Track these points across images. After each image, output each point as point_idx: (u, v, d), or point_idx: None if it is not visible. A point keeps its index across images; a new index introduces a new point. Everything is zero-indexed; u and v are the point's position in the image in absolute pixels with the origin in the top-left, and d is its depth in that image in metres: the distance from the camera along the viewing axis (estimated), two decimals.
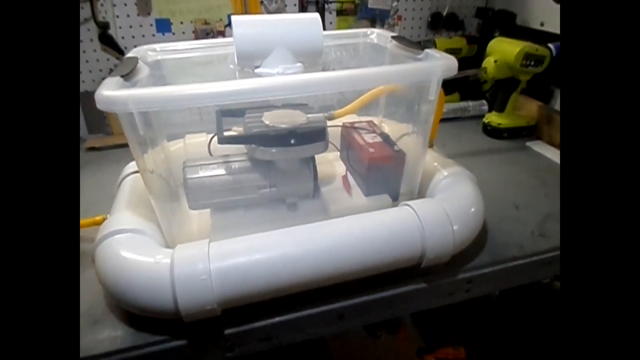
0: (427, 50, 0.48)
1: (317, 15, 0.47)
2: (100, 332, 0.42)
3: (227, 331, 0.43)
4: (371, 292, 0.47)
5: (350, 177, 0.58)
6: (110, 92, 0.35)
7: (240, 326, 0.43)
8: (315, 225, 0.44)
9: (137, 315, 0.42)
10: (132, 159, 0.59)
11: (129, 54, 0.49)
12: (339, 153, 0.64)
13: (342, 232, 0.43)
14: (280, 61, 0.45)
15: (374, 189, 0.54)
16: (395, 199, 0.55)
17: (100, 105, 0.35)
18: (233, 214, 0.53)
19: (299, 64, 0.47)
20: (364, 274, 0.45)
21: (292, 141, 0.48)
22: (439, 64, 0.44)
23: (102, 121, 0.91)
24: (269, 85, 0.37)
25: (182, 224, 0.53)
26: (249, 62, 0.46)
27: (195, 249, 0.40)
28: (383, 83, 0.48)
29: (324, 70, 0.53)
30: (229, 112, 0.53)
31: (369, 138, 0.56)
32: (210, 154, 0.56)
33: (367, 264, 0.44)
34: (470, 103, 0.95)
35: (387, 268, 0.46)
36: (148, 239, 0.44)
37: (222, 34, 0.87)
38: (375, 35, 0.59)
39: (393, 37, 0.55)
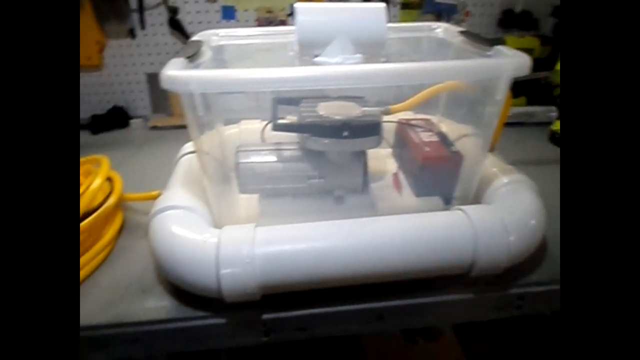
0: (497, 47, 0.45)
1: (382, 5, 0.45)
2: (147, 301, 0.45)
3: (265, 316, 0.43)
4: (414, 295, 0.45)
5: (401, 176, 0.56)
6: (174, 72, 0.36)
7: (278, 313, 0.44)
8: (363, 220, 0.43)
9: (182, 289, 0.43)
10: (190, 140, 0.62)
11: (194, 38, 0.51)
12: (391, 150, 0.63)
13: (390, 230, 0.41)
14: (340, 51, 0.44)
15: (426, 190, 0.52)
16: (448, 203, 0.52)
17: (164, 84, 0.36)
18: (281, 201, 0.53)
19: (358, 55, 0.46)
20: (409, 276, 0.43)
21: (345, 133, 0.47)
22: (511, 61, 0.41)
23: (165, 102, 0.96)
24: (329, 73, 0.36)
25: (230, 206, 0.54)
26: (310, 50, 0.46)
27: (242, 231, 0.41)
28: (447, 78, 0.46)
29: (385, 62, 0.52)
30: (285, 100, 0.53)
31: (425, 136, 0.54)
32: (263, 141, 0.57)
33: (413, 266, 0.42)
34: (538, 108, 0.88)
35: (433, 273, 0.44)
36: (198, 218, 0.45)
37: (284, 23, 0.88)
38: (442, 29, 0.57)
39: (461, 32, 0.52)
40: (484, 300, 0.46)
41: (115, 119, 0.91)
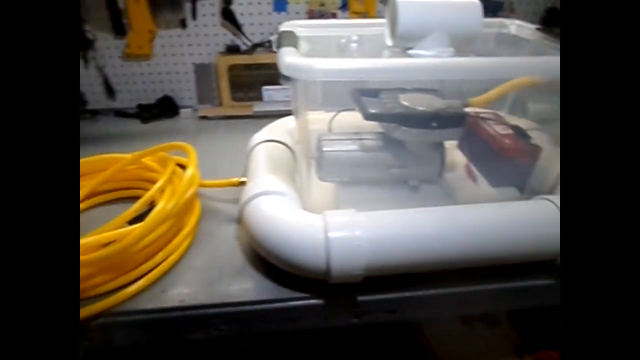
0: None
1: (477, 0, 0.47)
2: (244, 282, 0.46)
3: (360, 298, 0.45)
4: (500, 281, 0.47)
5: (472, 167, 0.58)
6: (297, 60, 0.38)
7: (373, 295, 0.45)
8: (462, 208, 0.44)
9: (277, 270, 0.45)
10: (244, 130, 0.63)
11: (284, 28, 0.52)
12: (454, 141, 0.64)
13: (491, 217, 0.43)
14: (436, 44, 0.46)
15: (503, 180, 0.54)
16: (522, 193, 0.54)
17: (286, 71, 0.38)
18: (358, 190, 0.54)
19: (451, 49, 0.47)
20: (496, 262, 0.45)
21: (434, 124, 0.48)
22: None
23: (211, 93, 0.97)
24: (453, 66, 0.38)
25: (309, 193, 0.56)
26: (404, 43, 0.48)
27: (347, 216, 0.42)
28: (535, 74, 0.47)
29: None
30: (365, 92, 0.54)
31: (500, 129, 0.55)
32: (330, 130, 0.58)
33: (503, 252, 0.44)
34: None
35: (520, 259, 0.46)
36: (292, 202, 0.47)
37: (334, 16, 0.89)
38: (515, 26, 0.58)
39: (538, 29, 0.54)
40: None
41: (165, 108, 0.92)
